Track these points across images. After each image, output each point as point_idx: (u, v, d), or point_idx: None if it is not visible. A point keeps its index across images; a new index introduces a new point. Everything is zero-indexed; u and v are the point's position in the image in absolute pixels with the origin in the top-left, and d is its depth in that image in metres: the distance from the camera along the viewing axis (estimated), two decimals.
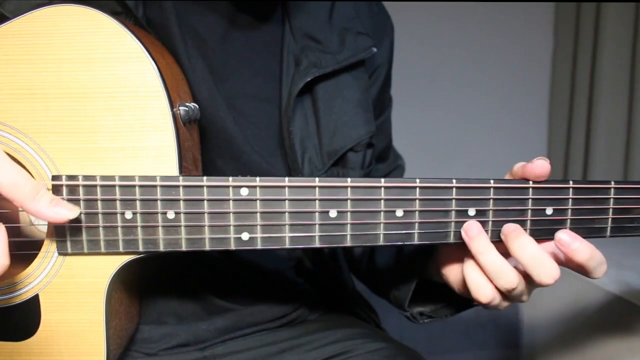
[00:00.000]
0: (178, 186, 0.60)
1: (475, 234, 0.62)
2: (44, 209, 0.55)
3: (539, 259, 0.61)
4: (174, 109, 0.61)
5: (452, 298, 0.79)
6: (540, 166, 0.62)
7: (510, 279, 0.62)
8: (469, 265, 0.65)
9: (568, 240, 0.62)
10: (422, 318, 0.82)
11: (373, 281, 0.94)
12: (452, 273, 0.71)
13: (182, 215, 0.60)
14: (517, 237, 0.62)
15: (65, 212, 0.56)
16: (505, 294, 0.65)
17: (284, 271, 0.90)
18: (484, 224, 0.63)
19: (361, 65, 0.87)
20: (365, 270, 0.94)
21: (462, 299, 0.75)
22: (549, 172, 0.63)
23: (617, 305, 1.12)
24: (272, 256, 0.87)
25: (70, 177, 0.60)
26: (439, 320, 0.83)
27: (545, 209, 0.64)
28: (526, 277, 0.63)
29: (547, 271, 0.61)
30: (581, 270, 0.63)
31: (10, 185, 0.54)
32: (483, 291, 0.64)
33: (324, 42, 0.82)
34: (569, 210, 0.64)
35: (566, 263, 0.64)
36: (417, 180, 0.62)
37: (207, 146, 0.74)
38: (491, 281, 0.64)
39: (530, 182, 0.63)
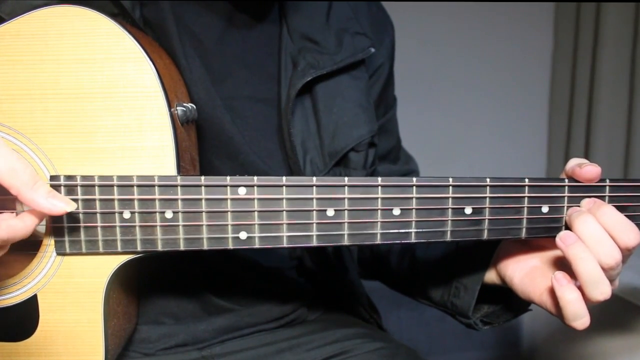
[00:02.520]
0: (176, 186, 0.60)
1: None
2: (41, 199, 0.54)
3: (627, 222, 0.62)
4: (172, 109, 0.62)
5: (506, 300, 0.78)
6: (588, 171, 0.63)
7: (607, 290, 0.62)
8: (568, 289, 0.62)
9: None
10: (482, 325, 0.80)
11: (417, 288, 0.89)
12: (517, 274, 0.71)
13: (180, 214, 0.61)
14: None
15: (62, 204, 0.55)
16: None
17: (284, 271, 0.90)
18: (480, 222, 0.64)
19: (361, 65, 0.87)
20: (407, 277, 0.91)
21: (520, 301, 0.74)
22: (598, 175, 0.64)
23: (616, 304, 1.12)
24: (272, 256, 0.87)
25: (69, 177, 0.60)
26: (497, 326, 0.80)
27: (541, 207, 0.64)
28: None
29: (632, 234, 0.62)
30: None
31: (8, 171, 0.53)
32: (585, 320, 0.63)
33: (321, 43, 0.82)
34: (565, 208, 0.65)
35: None
36: (414, 179, 0.62)
37: (205, 147, 0.74)
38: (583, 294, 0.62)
39: (526, 180, 0.63)
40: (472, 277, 0.77)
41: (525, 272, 0.70)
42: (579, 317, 0.62)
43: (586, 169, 0.63)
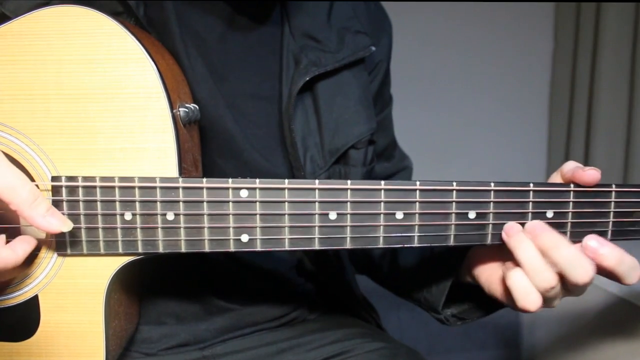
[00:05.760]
0: (178, 187, 0.60)
1: (515, 232, 0.63)
2: (38, 217, 0.56)
3: (576, 257, 0.61)
4: (174, 110, 0.61)
5: (480, 299, 0.78)
6: (591, 175, 0.63)
7: (549, 277, 0.61)
8: (515, 272, 0.63)
9: (596, 245, 0.62)
10: (454, 321, 0.81)
11: (396, 283, 0.92)
12: (484, 274, 0.71)
13: (181, 216, 0.60)
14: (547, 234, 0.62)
15: (58, 223, 0.57)
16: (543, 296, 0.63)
17: (284, 271, 0.90)
18: (484, 227, 0.63)
19: (361, 63, 0.87)
20: (387, 272, 0.93)
21: (492, 300, 0.74)
22: (599, 180, 0.63)
23: (617, 305, 1.13)
24: (272, 256, 0.87)
25: (70, 178, 0.60)
26: (470, 322, 0.81)
27: (546, 212, 0.64)
28: (561, 277, 0.62)
29: (583, 270, 0.61)
30: (612, 276, 0.63)
31: (7, 188, 0.54)
32: (532, 298, 0.62)
33: (323, 41, 0.82)
34: (570, 214, 0.64)
35: (597, 270, 0.63)
36: (417, 183, 0.62)
37: (207, 145, 0.74)
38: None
39: (531, 185, 0.63)
40: (444, 273, 0.78)
41: (489, 272, 0.71)
42: (527, 294, 0.62)
43: (589, 173, 0.63)
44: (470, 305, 0.81)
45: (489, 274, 0.71)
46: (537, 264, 0.62)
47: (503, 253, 0.69)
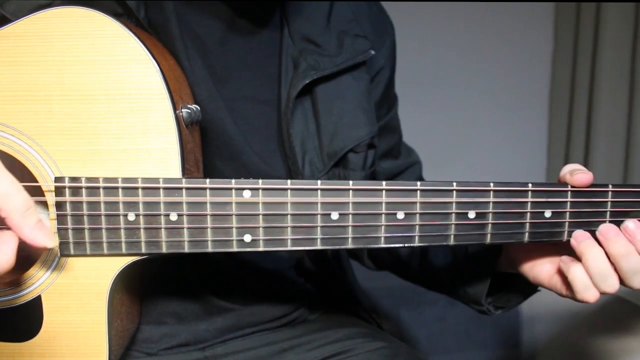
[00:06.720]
0: (181, 188, 0.60)
1: (584, 238, 0.65)
2: (27, 228, 0.54)
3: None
4: (177, 111, 0.62)
5: (513, 286, 0.81)
6: (579, 179, 0.64)
7: (614, 283, 0.65)
8: (577, 268, 0.66)
9: (634, 229, 0.65)
10: (494, 309, 0.83)
11: (429, 279, 0.94)
12: (538, 269, 0.73)
13: (184, 217, 0.61)
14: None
15: (43, 239, 0.55)
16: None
17: (284, 271, 0.90)
18: (483, 226, 0.64)
19: (362, 66, 0.87)
20: (417, 269, 0.94)
21: (527, 286, 0.77)
22: (590, 182, 0.65)
23: (616, 305, 1.13)
24: (272, 256, 0.88)
25: (73, 179, 0.60)
26: (508, 310, 0.84)
27: (544, 212, 0.64)
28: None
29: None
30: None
31: (1, 195, 0.53)
32: (592, 292, 0.66)
33: (322, 45, 0.82)
34: (568, 213, 0.65)
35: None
36: (418, 183, 0.62)
37: (206, 147, 0.74)
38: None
39: (530, 185, 0.64)
40: (484, 268, 0.80)
41: (534, 261, 0.73)
42: (587, 288, 0.66)
43: (577, 177, 0.64)
44: (510, 292, 0.83)
45: (547, 270, 0.73)
46: (603, 270, 0.65)
47: (549, 249, 0.72)
